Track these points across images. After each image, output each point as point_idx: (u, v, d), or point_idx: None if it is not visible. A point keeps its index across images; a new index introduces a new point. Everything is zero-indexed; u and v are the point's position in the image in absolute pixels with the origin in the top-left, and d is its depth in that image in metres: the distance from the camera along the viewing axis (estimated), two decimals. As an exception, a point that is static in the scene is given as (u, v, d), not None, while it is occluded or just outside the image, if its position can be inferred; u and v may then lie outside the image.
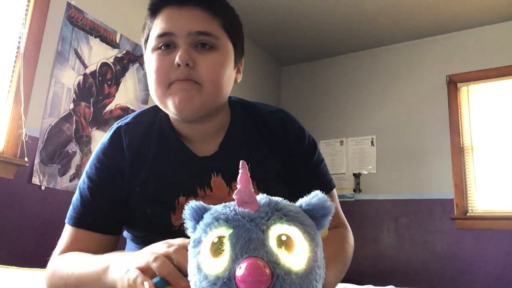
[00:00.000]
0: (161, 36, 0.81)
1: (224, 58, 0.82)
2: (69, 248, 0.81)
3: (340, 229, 0.92)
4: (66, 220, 0.85)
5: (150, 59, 0.83)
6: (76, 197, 0.86)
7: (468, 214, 3.45)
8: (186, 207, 0.44)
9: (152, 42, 0.82)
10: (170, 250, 0.51)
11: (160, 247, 0.54)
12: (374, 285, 2.15)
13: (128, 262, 0.57)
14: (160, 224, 0.83)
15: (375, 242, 3.74)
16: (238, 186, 0.40)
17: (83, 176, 0.88)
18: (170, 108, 0.81)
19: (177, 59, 0.77)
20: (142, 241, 0.90)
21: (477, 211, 3.45)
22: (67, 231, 0.84)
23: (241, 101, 0.96)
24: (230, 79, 0.86)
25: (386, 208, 3.78)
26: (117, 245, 0.87)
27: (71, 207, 0.86)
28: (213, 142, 0.88)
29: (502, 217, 3.30)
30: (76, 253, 0.78)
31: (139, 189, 0.85)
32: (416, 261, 3.53)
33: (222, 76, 0.82)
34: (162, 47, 0.81)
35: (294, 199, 0.92)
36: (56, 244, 0.84)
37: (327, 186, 0.93)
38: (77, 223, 0.83)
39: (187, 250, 0.46)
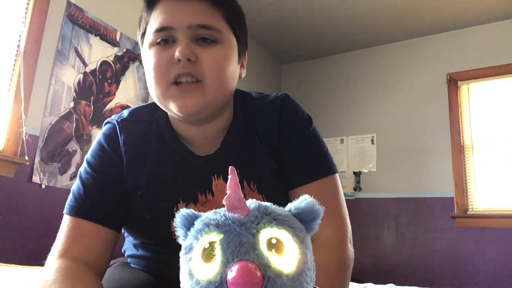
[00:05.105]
0: (159, 30, 0.75)
1: (227, 52, 0.77)
2: (69, 242, 0.75)
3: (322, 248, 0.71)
4: (66, 211, 0.79)
5: (148, 55, 0.77)
6: (77, 186, 0.81)
7: (468, 213, 3.46)
8: (177, 215, 0.44)
9: (149, 36, 0.77)
10: None
11: None
12: (374, 283, 2.16)
13: None
14: (159, 231, 0.80)
15: (376, 240, 3.74)
16: (228, 192, 0.40)
17: (84, 165, 0.83)
18: (172, 110, 0.77)
19: (177, 53, 0.72)
20: (142, 248, 0.88)
21: (478, 209, 3.45)
22: (66, 223, 0.78)
23: (242, 94, 0.90)
24: (235, 74, 0.81)
25: (386, 206, 3.78)
26: (116, 246, 0.83)
27: (71, 197, 0.81)
28: (214, 143, 0.84)
29: (502, 216, 3.30)
30: (64, 278, 0.68)
31: (140, 193, 0.81)
32: (416, 260, 3.53)
33: (226, 71, 0.76)
34: (161, 42, 0.76)
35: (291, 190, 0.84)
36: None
37: (317, 170, 0.82)
38: (80, 213, 0.78)
39: None
